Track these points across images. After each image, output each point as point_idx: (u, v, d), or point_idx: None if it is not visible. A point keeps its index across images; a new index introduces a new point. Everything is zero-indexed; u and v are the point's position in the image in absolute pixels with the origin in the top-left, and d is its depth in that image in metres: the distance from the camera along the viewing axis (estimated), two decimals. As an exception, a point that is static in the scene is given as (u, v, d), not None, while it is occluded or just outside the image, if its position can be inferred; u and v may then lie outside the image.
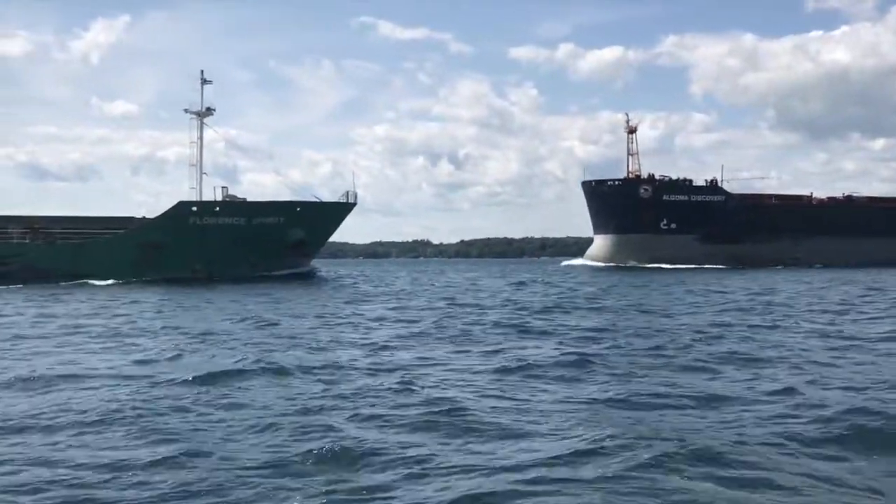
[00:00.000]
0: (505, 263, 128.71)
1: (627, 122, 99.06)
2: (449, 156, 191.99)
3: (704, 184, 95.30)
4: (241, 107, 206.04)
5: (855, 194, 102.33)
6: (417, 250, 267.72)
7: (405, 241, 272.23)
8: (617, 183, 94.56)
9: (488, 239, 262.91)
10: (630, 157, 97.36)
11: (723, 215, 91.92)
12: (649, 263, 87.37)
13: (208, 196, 59.59)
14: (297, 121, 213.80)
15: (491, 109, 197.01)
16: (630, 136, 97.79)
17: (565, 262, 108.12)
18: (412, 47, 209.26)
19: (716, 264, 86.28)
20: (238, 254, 56.83)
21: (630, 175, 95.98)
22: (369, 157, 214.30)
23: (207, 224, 56.49)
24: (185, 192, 60.15)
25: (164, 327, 23.05)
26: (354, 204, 63.71)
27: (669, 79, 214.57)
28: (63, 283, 51.90)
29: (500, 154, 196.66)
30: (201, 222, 56.48)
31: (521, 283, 52.24)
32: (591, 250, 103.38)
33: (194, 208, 57.18)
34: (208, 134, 60.75)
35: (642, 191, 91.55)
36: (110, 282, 53.21)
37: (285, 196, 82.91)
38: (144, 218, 58.90)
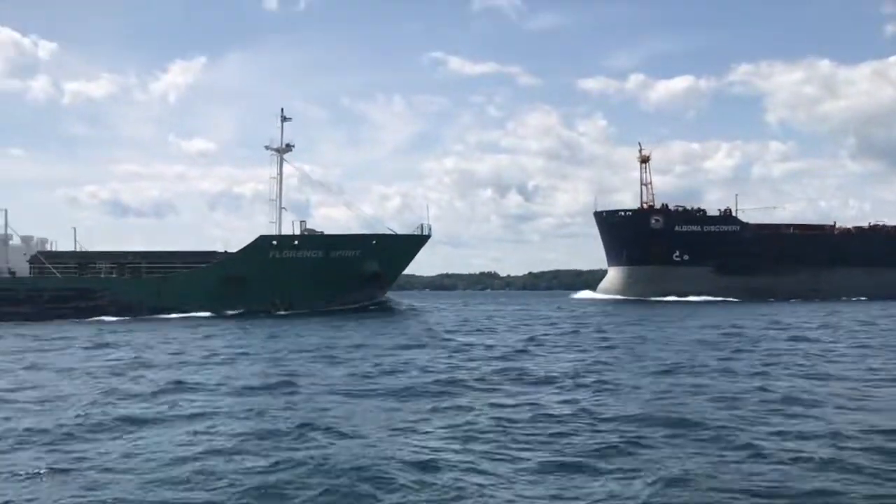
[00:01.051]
0: (559, 296, 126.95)
1: (640, 151, 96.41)
2: (518, 187, 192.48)
3: (718, 213, 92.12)
4: (314, 143, 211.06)
5: (881, 223, 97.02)
6: (484, 282, 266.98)
7: (472, 273, 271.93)
8: (628, 213, 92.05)
9: (557, 271, 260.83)
10: (643, 187, 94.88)
11: (738, 246, 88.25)
12: (662, 296, 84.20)
13: (286, 230, 60.92)
14: (368, 155, 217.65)
15: (560, 140, 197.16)
16: (643, 165, 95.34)
17: (574, 295, 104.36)
18: (481, 81, 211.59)
19: (731, 297, 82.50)
20: (316, 286, 57.59)
21: (643, 205, 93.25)
22: (438, 190, 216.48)
23: (287, 257, 57.51)
24: (260, 226, 61.75)
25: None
26: (429, 236, 64.23)
27: (743, 107, 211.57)
28: (153, 317, 53.39)
29: (570, 185, 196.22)
30: (281, 255, 57.51)
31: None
32: (604, 283, 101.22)
33: (274, 242, 58.30)
34: (286, 169, 62.00)
35: (654, 221, 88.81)
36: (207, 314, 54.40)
37: (356, 229, 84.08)
38: (226, 252, 60.35)
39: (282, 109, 62.08)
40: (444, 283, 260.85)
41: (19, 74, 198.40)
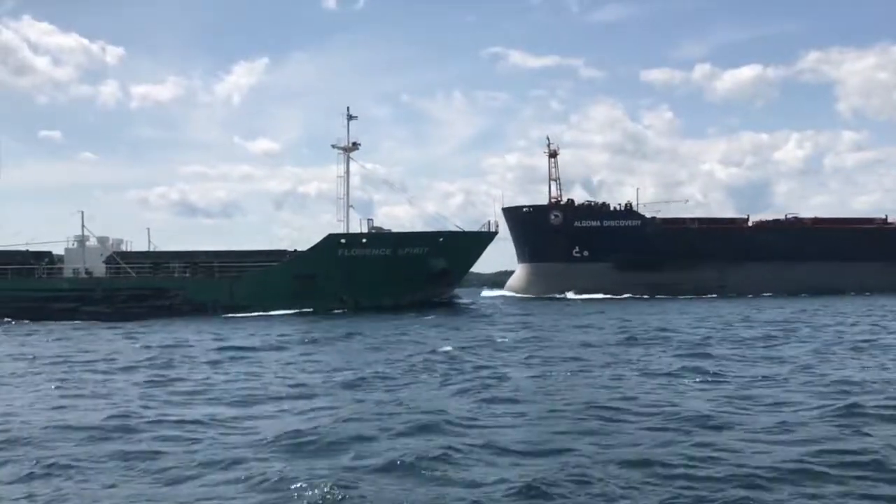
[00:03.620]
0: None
1: (549, 145, 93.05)
2: (582, 182, 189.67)
3: (617, 208, 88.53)
4: (377, 141, 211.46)
5: (795, 215, 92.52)
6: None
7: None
8: (529, 209, 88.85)
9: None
10: (551, 182, 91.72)
11: (639, 241, 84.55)
12: (562, 293, 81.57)
13: (353, 228, 61.14)
14: (431, 152, 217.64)
15: (625, 134, 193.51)
16: (551, 160, 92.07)
17: (484, 293, 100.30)
18: (543, 75, 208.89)
19: (633, 294, 79.36)
20: (384, 284, 57.66)
21: (552, 201, 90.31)
22: (501, 186, 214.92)
23: (356, 255, 57.71)
24: (325, 224, 62.18)
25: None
26: (496, 233, 63.93)
27: (813, 96, 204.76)
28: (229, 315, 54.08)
29: (636, 179, 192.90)
30: (349, 253, 57.75)
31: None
32: (511, 280, 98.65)
33: (343, 240, 58.55)
34: (350, 168, 62.18)
35: (553, 217, 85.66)
36: (281, 312, 54.85)
37: (419, 227, 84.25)
38: (296, 251, 60.80)
39: (347, 108, 62.39)
40: (503, 281, 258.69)
41: (89, 80, 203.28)
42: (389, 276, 57.57)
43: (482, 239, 63.97)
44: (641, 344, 28.45)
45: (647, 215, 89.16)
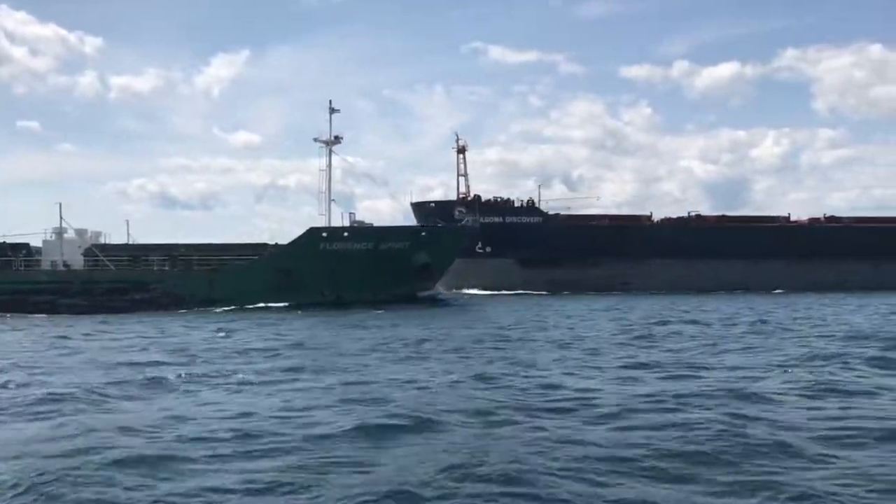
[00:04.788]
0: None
1: (457, 141, 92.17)
2: (562, 177, 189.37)
3: (520, 204, 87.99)
4: (358, 135, 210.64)
5: (695, 212, 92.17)
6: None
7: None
8: (433, 205, 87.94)
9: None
10: (460, 178, 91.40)
11: (541, 238, 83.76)
12: (467, 289, 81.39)
13: (335, 222, 60.83)
14: (411, 147, 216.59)
15: (604, 130, 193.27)
16: (459, 156, 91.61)
17: None
18: (523, 70, 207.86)
19: (535, 290, 79.11)
20: (365, 278, 57.43)
21: (460, 196, 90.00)
22: (481, 181, 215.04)
23: (337, 249, 57.42)
24: (305, 217, 61.86)
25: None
26: (477, 228, 63.87)
27: (790, 94, 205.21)
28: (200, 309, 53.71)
29: (616, 175, 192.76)
30: (331, 248, 57.44)
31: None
32: None
33: (324, 234, 58.23)
34: (333, 161, 61.82)
35: (458, 212, 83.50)
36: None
37: (401, 221, 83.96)
38: (277, 244, 60.41)
39: (330, 101, 61.85)
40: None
41: (67, 71, 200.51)
42: (372, 270, 57.37)
43: (464, 234, 63.72)
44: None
45: (551, 212, 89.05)
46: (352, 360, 24.30)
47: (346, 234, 58.72)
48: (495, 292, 79.18)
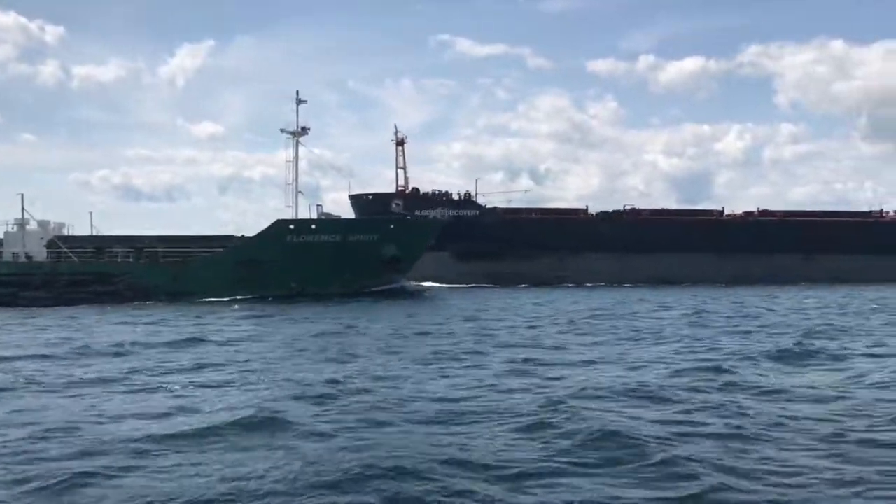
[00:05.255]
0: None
1: (396, 133, 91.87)
2: (529, 171, 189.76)
3: (458, 197, 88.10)
4: (324, 127, 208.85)
5: (630, 206, 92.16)
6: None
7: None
8: (370, 197, 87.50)
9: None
10: (398, 171, 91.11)
11: (478, 231, 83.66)
12: (411, 282, 79.66)
13: (302, 214, 60.45)
14: (378, 139, 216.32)
15: (571, 123, 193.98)
16: (398, 148, 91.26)
17: None
18: (490, 63, 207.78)
19: (473, 283, 79.40)
20: (333, 271, 57.23)
21: (398, 189, 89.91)
22: (448, 174, 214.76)
23: (304, 241, 57.08)
24: (270, 209, 61.50)
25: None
26: (445, 220, 63.83)
27: (753, 89, 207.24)
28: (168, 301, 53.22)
29: (582, 168, 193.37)
30: (298, 240, 57.10)
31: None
32: None
33: (292, 226, 57.86)
34: (300, 153, 61.35)
35: (394, 205, 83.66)
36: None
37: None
38: (243, 236, 59.88)
39: (297, 92, 61.26)
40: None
41: (28, 59, 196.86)
42: (339, 263, 57.16)
43: (432, 226, 63.62)
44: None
45: (489, 205, 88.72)
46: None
47: (313, 226, 58.36)
48: (435, 284, 79.01)
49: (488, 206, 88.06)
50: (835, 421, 14.06)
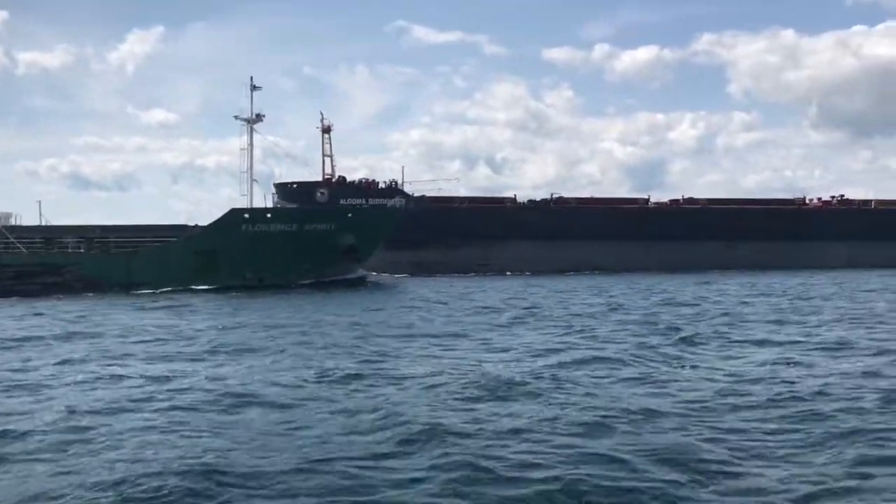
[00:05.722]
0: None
1: (322, 120, 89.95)
2: (486, 159, 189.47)
3: (384, 186, 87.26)
4: (279, 115, 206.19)
5: (557, 195, 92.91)
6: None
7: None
8: (294, 186, 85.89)
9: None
10: (325, 158, 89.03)
11: (403, 220, 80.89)
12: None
13: (257, 203, 59.54)
14: (334, 127, 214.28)
15: (527, 112, 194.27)
16: (324, 135, 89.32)
17: None
18: (447, 50, 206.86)
19: (400, 272, 79.12)
20: (290, 260, 56.48)
21: (325, 177, 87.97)
22: (405, 162, 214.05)
23: (260, 231, 56.24)
24: (224, 198, 60.40)
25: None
26: (403, 209, 63.42)
27: (707, 78, 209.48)
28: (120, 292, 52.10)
29: (538, 157, 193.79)
30: (253, 229, 56.24)
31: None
32: None
33: (246, 215, 56.96)
34: (254, 140, 60.32)
35: (319, 194, 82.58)
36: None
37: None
38: (197, 226, 58.82)
39: (251, 78, 60.19)
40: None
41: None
42: (296, 252, 56.41)
43: (391, 215, 63.14)
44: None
45: (416, 193, 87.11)
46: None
47: (269, 214, 57.58)
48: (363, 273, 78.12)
49: (415, 194, 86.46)
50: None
